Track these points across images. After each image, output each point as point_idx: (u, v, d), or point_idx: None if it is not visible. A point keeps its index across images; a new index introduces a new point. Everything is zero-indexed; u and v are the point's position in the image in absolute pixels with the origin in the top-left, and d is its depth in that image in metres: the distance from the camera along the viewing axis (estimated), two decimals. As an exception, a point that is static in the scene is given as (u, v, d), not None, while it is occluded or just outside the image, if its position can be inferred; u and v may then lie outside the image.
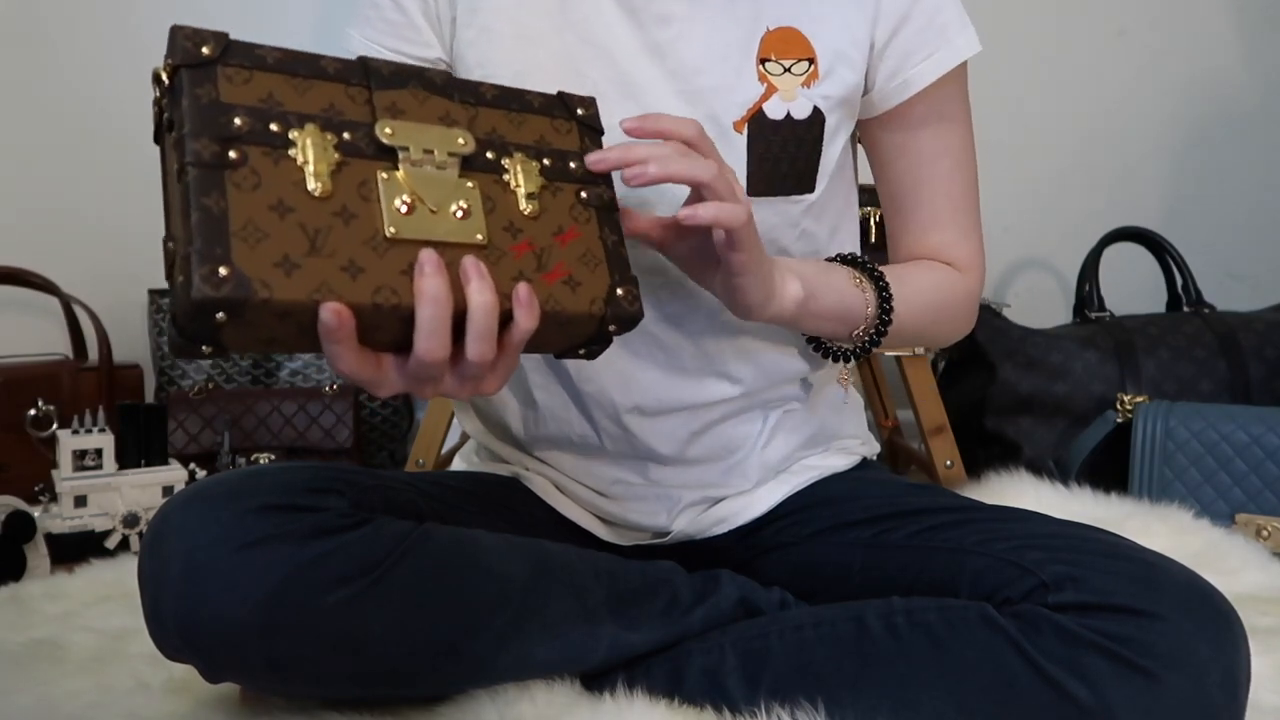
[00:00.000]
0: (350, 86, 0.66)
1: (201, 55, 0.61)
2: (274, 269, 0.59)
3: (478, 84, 0.71)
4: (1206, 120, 2.11)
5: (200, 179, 0.59)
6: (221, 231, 0.58)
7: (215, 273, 0.57)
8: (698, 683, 0.81)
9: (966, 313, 0.97)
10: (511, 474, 0.96)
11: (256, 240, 0.59)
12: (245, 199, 0.59)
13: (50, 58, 1.87)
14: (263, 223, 0.59)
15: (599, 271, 0.71)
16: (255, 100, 0.62)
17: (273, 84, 0.63)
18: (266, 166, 0.61)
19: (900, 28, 0.88)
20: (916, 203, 0.94)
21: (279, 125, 0.62)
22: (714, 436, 0.92)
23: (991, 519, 0.83)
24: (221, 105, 0.61)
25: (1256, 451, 1.42)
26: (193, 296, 0.56)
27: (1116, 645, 0.69)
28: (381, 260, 0.62)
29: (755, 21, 0.86)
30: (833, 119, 0.88)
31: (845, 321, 0.85)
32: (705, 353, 0.89)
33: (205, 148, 0.59)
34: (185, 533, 0.70)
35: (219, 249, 0.57)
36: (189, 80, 0.61)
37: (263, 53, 0.64)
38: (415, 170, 0.65)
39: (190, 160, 0.59)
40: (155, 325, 1.86)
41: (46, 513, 1.34)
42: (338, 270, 0.60)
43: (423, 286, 0.61)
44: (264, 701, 0.82)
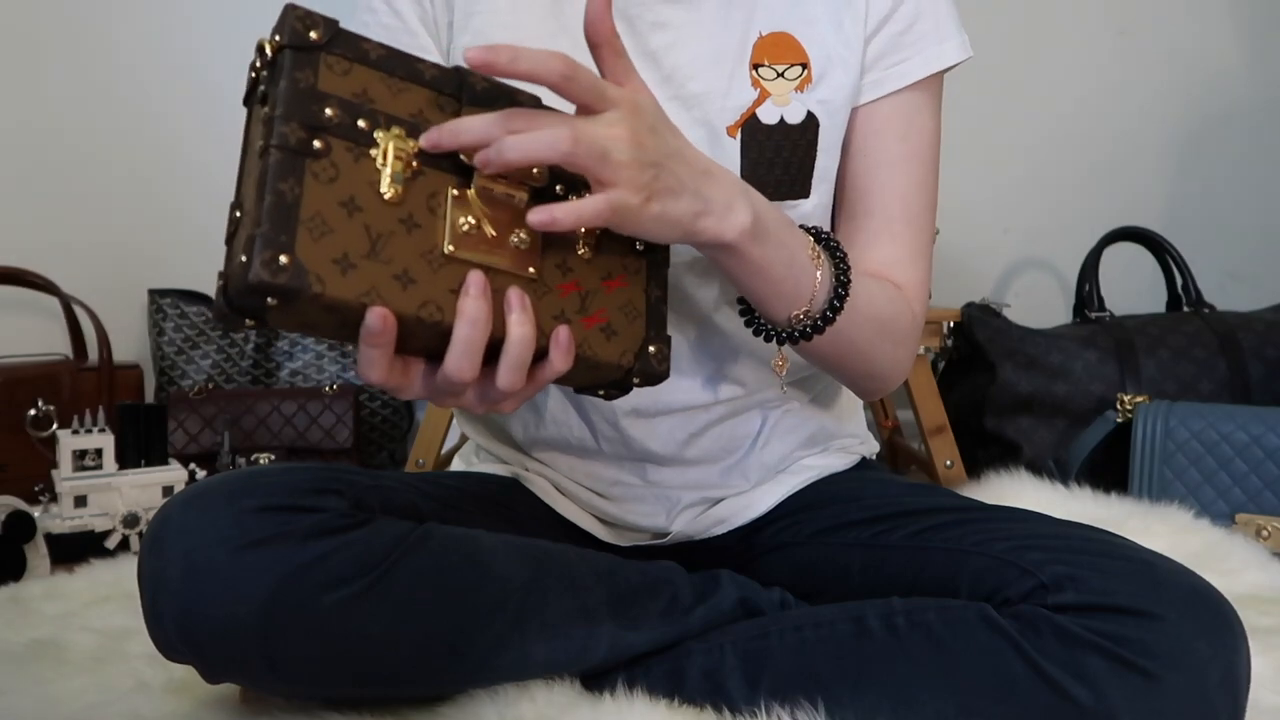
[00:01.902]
0: (442, 96, 0.66)
1: (309, 39, 0.62)
2: (331, 265, 0.60)
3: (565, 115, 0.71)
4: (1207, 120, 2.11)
5: (281, 163, 0.59)
6: (290, 219, 0.59)
7: (276, 259, 0.58)
8: (698, 683, 0.81)
9: (910, 347, 0.89)
10: (511, 475, 0.96)
11: (321, 234, 0.60)
12: (320, 190, 0.60)
13: (51, 58, 1.87)
14: (331, 217, 0.60)
15: (636, 324, 0.72)
16: (350, 93, 0.62)
17: (370, 80, 0.63)
18: (346, 162, 0.62)
19: (880, 28, 0.88)
20: (869, 209, 0.89)
21: (367, 122, 0.62)
22: (712, 437, 0.92)
23: (991, 519, 0.83)
24: (317, 93, 0.61)
25: (1256, 451, 1.42)
26: (249, 278, 0.57)
27: (1116, 646, 0.69)
28: (434, 275, 0.63)
29: (748, 27, 0.86)
30: (828, 124, 0.87)
31: (786, 290, 0.76)
32: (702, 355, 0.89)
33: (293, 132, 0.60)
34: (185, 533, 0.70)
35: (284, 236, 0.58)
36: (292, 62, 0.61)
37: (367, 47, 0.64)
38: (486, 193, 0.65)
39: (276, 142, 0.59)
40: (155, 325, 1.86)
41: (46, 513, 1.34)
42: (390, 278, 0.62)
43: (464, 307, 0.62)
44: (264, 701, 0.82)
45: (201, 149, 1.95)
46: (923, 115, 0.91)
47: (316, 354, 1.86)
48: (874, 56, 0.89)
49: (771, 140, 0.85)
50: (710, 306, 0.88)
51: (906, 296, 0.88)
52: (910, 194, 0.89)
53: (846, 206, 0.91)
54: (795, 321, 0.78)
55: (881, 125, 0.90)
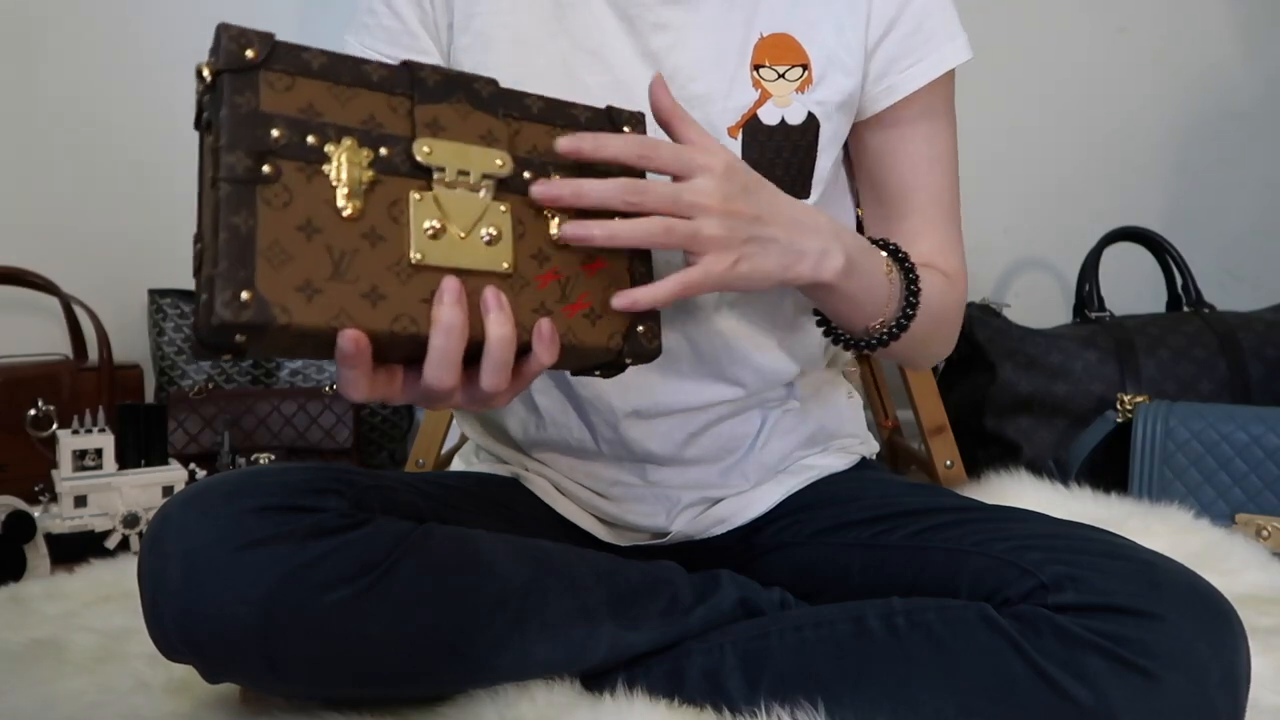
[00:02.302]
0: (393, 96, 0.64)
1: (245, 59, 0.60)
2: (295, 293, 0.58)
3: (525, 96, 0.69)
4: (1207, 119, 2.11)
5: (231, 195, 0.58)
6: (247, 252, 0.57)
7: (237, 297, 0.57)
8: (698, 683, 0.81)
9: (958, 324, 0.96)
10: (511, 474, 0.96)
11: (281, 262, 0.58)
12: (275, 217, 0.59)
13: (50, 58, 1.87)
14: (289, 244, 0.59)
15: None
16: (295, 109, 0.61)
17: (315, 92, 0.62)
18: (299, 183, 0.60)
19: (889, 32, 0.88)
20: (905, 210, 0.93)
21: (316, 138, 0.61)
22: (712, 437, 0.92)
23: (991, 519, 0.83)
24: (260, 115, 0.59)
25: (1256, 451, 1.42)
26: (213, 321, 0.56)
27: (1116, 645, 0.69)
28: (404, 287, 0.62)
29: (749, 28, 0.86)
30: (828, 124, 0.87)
31: (866, 309, 0.81)
32: (703, 357, 0.89)
33: (239, 161, 0.58)
34: (185, 533, 0.70)
35: (243, 271, 0.57)
36: (230, 86, 0.59)
37: (308, 57, 0.62)
38: (448, 192, 0.64)
39: (224, 175, 0.58)
40: (155, 325, 1.86)
41: (46, 513, 1.34)
42: (358, 297, 0.60)
43: (439, 316, 0.61)
44: (264, 701, 0.82)
45: (201, 149, 1.95)
46: (942, 116, 0.92)
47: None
48: (886, 61, 0.89)
49: (773, 141, 0.85)
50: (710, 307, 0.88)
51: (953, 281, 0.93)
52: (942, 191, 0.93)
53: (881, 207, 0.94)
54: (872, 331, 0.83)
55: (906, 130, 0.91)
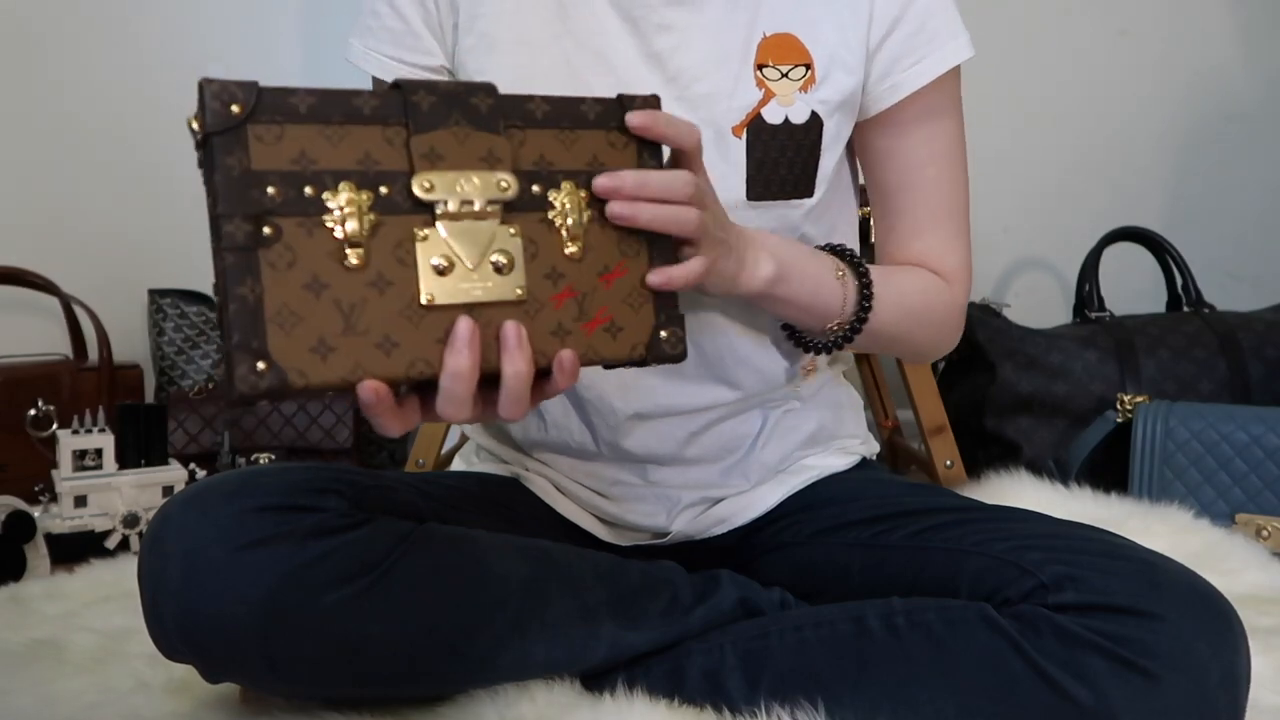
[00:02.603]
0: (387, 127, 0.62)
1: (231, 115, 0.58)
2: (309, 354, 0.58)
3: (528, 100, 0.66)
4: (1207, 120, 2.11)
5: (235, 266, 0.57)
6: (257, 321, 0.57)
7: (254, 369, 0.57)
8: (698, 682, 0.81)
9: (951, 325, 0.95)
10: (511, 475, 0.96)
11: (292, 325, 0.58)
12: (280, 280, 0.58)
13: (50, 58, 1.87)
14: (297, 305, 0.58)
15: (643, 313, 0.68)
16: (287, 162, 0.59)
17: (305, 138, 0.60)
18: (300, 239, 0.59)
19: (891, 31, 0.88)
20: (902, 208, 0.93)
21: (313, 188, 0.59)
22: (713, 437, 0.92)
23: (991, 519, 0.83)
24: (253, 175, 0.58)
25: (1256, 451, 1.42)
26: (234, 395, 0.57)
27: (1116, 645, 0.69)
28: (417, 330, 0.61)
29: (752, 28, 0.86)
30: (831, 123, 0.88)
31: (816, 313, 0.83)
32: (705, 358, 0.89)
33: (238, 229, 0.57)
34: (185, 533, 0.70)
35: (255, 342, 0.57)
36: (220, 148, 0.58)
37: (295, 101, 0.60)
38: (453, 224, 0.62)
39: (225, 244, 0.57)
40: (155, 325, 1.86)
41: (46, 513, 1.34)
42: (372, 348, 0.59)
43: (447, 361, 0.61)
44: (264, 701, 0.82)
45: (201, 149, 1.95)
46: (946, 114, 0.92)
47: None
48: (889, 60, 0.89)
49: (776, 140, 0.86)
50: (712, 308, 0.88)
51: (945, 280, 0.93)
52: (942, 190, 0.93)
53: (882, 205, 0.95)
54: (831, 332, 0.85)
55: (908, 129, 0.91)
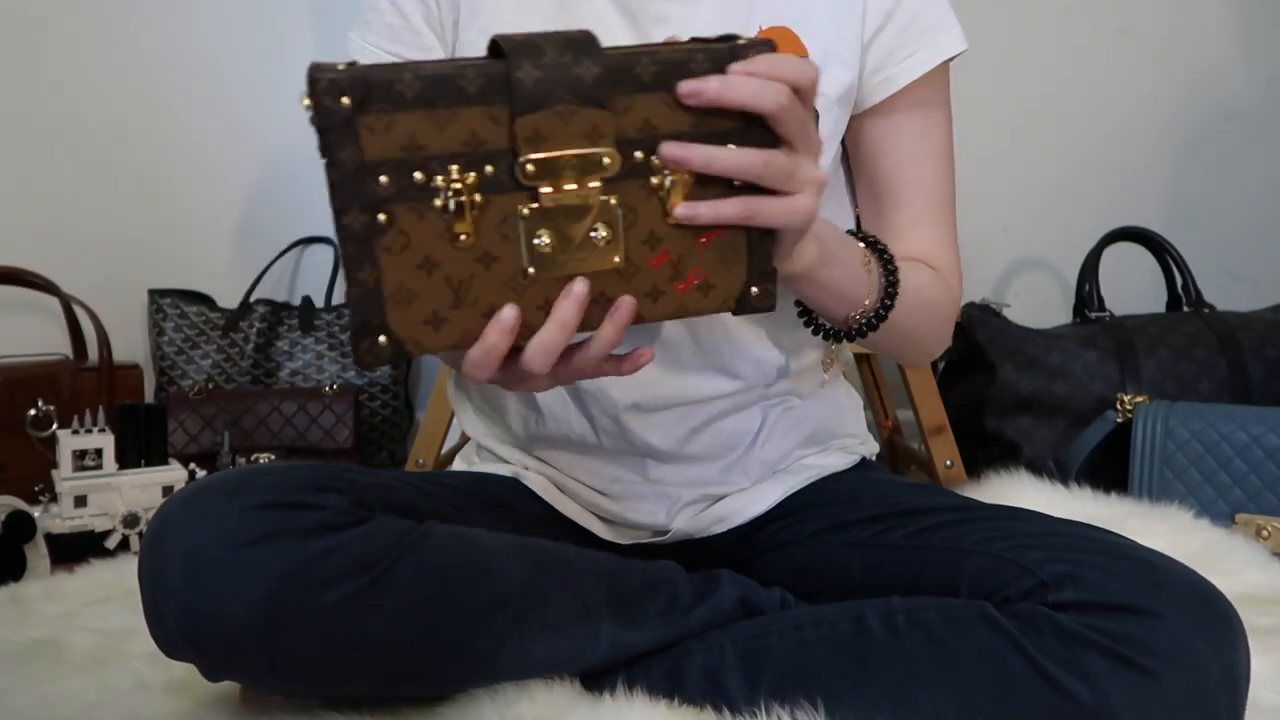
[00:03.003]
0: (493, 106, 0.61)
1: (341, 109, 0.59)
2: (424, 326, 0.62)
3: (638, 61, 0.63)
4: (1207, 120, 2.11)
5: (354, 255, 0.61)
6: (377, 301, 0.61)
7: (375, 345, 0.62)
8: (697, 682, 0.81)
9: (951, 320, 0.95)
10: (512, 474, 0.96)
11: (408, 302, 0.62)
12: (396, 263, 0.61)
13: (50, 58, 1.87)
14: (412, 283, 0.62)
15: (736, 270, 0.67)
16: (398, 149, 0.60)
17: (413, 124, 0.60)
18: (412, 223, 0.61)
19: (885, 25, 0.89)
20: (898, 203, 0.93)
21: (423, 174, 0.61)
22: (712, 433, 0.92)
23: (991, 518, 0.83)
24: (366, 167, 0.60)
25: (1256, 451, 1.42)
26: (360, 365, 0.62)
27: (1116, 644, 0.69)
28: (520, 299, 0.63)
29: (748, 21, 0.87)
30: (828, 117, 0.88)
31: (843, 300, 0.80)
32: (704, 347, 0.89)
33: (355, 220, 0.60)
34: (185, 530, 0.70)
35: (375, 319, 0.61)
36: (334, 143, 0.59)
37: (402, 87, 0.60)
38: (555, 201, 0.63)
39: (344, 235, 0.60)
40: (155, 325, 1.86)
41: (46, 513, 1.34)
42: (480, 317, 0.63)
43: (559, 311, 0.63)
44: (264, 701, 0.82)
45: (203, 149, 1.96)
46: (938, 109, 0.92)
47: (316, 354, 1.86)
48: (883, 54, 0.89)
49: None
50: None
51: (945, 277, 0.92)
52: (935, 186, 0.92)
53: (875, 201, 0.94)
54: (851, 321, 0.81)
55: (900, 123, 0.91)
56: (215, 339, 1.85)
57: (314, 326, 1.87)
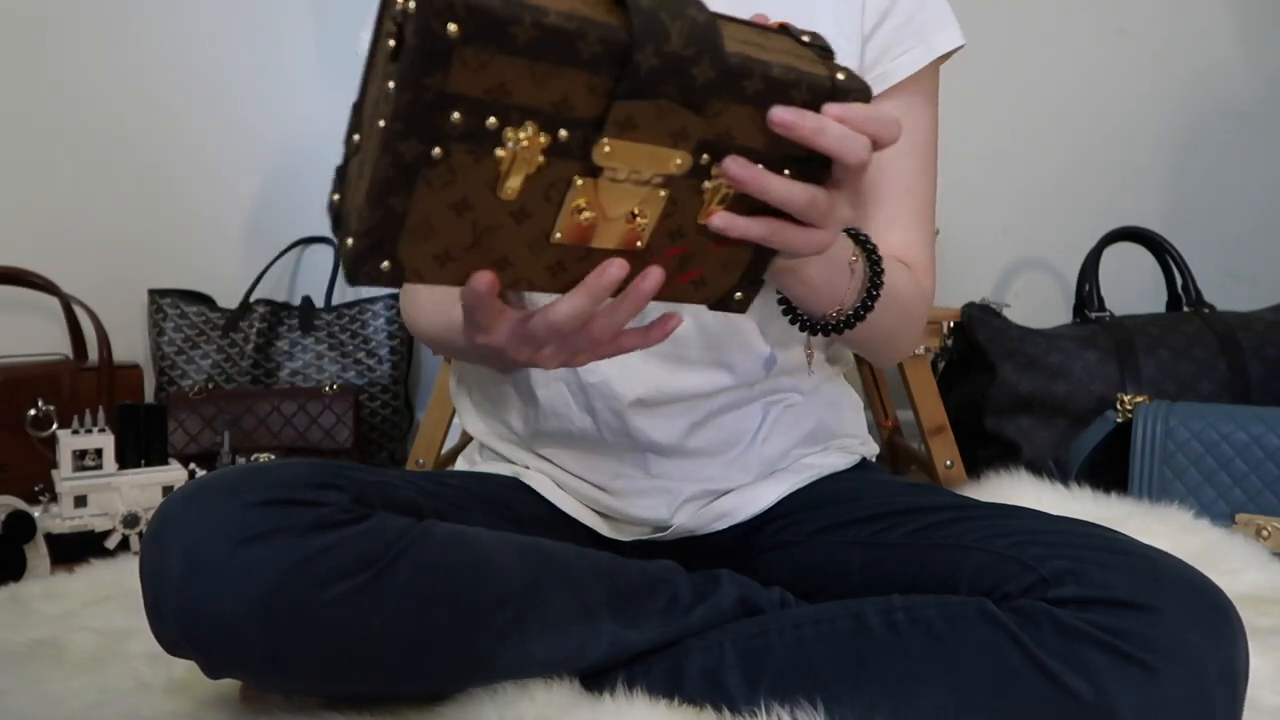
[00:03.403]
0: (597, 76, 0.57)
1: (445, 35, 0.52)
2: (431, 260, 0.58)
3: (748, 76, 0.61)
4: (1207, 120, 2.11)
5: (393, 179, 0.55)
6: (396, 227, 0.56)
7: (377, 266, 0.57)
8: (697, 681, 0.81)
9: (922, 323, 0.94)
10: (513, 474, 0.97)
11: (425, 236, 0.57)
12: (431, 196, 0.56)
13: (50, 58, 1.87)
14: (438, 220, 0.57)
15: (731, 275, 0.68)
16: (482, 90, 0.55)
17: (510, 71, 0.55)
18: (465, 164, 0.56)
19: (882, 21, 0.90)
20: (879, 199, 0.93)
21: (497, 120, 0.56)
22: (714, 428, 0.92)
23: (990, 516, 0.83)
24: (444, 98, 0.54)
25: (1256, 451, 1.42)
26: (351, 277, 0.57)
27: (1116, 639, 0.69)
28: (534, 258, 0.61)
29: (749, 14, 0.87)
30: None
31: (825, 296, 0.80)
32: (710, 342, 0.89)
33: (410, 149, 0.54)
34: (186, 528, 0.70)
35: (388, 244, 0.57)
36: (420, 66, 0.53)
37: (516, 31, 0.54)
38: (612, 185, 0.60)
39: (391, 159, 0.54)
40: (155, 325, 1.86)
41: (46, 513, 1.34)
42: (488, 263, 0.60)
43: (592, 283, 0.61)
44: (264, 700, 0.82)
45: (203, 148, 1.96)
46: (924, 107, 0.93)
47: (316, 354, 1.86)
48: (879, 51, 0.91)
49: None
50: None
51: (917, 276, 0.92)
52: (915, 183, 0.93)
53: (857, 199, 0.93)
54: (833, 317, 0.81)
55: None
56: (215, 339, 1.85)
57: (314, 326, 1.87)
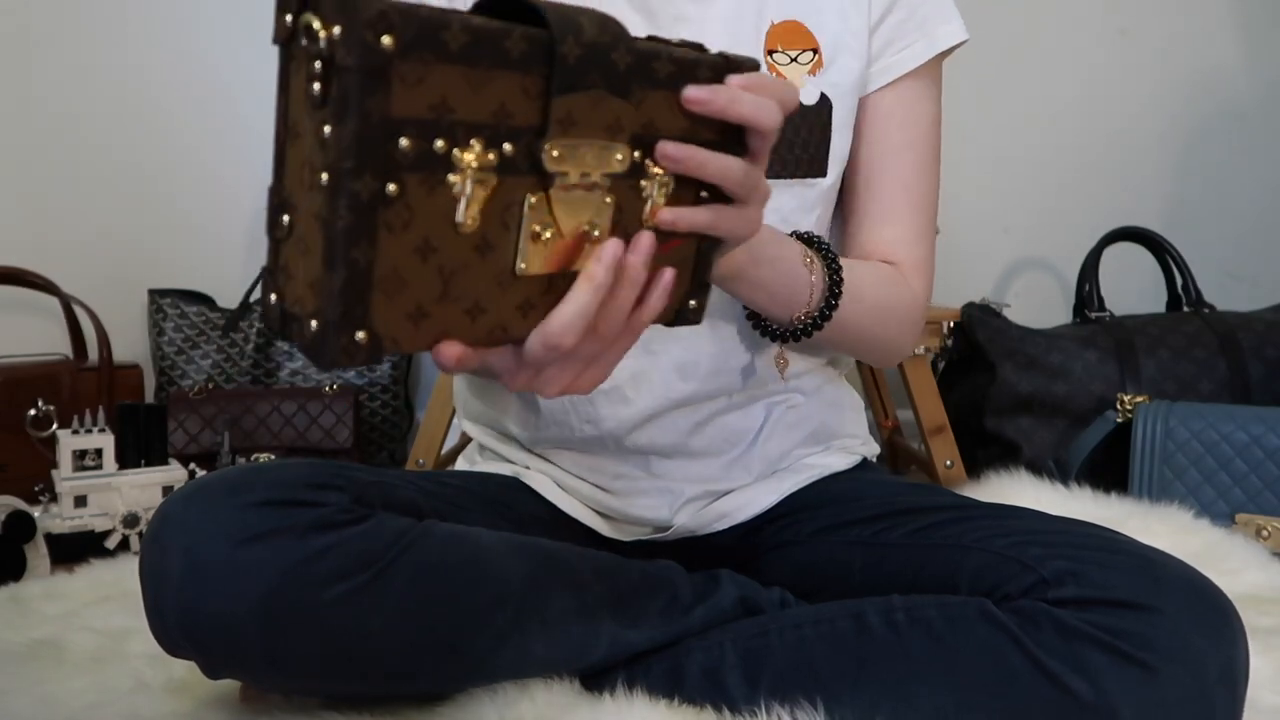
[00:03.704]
0: (527, 76, 0.54)
1: (380, 50, 0.48)
2: (405, 321, 0.53)
3: (657, 57, 0.59)
4: (1207, 120, 2.11)
5: (354, 227, 0.49)
6: (364, 288, 0.50)
7: (353, 341, 0.51)
8: (697, 681, 0.81)
9: (912, 323, 0.93)
10: (513, 474, 0.96)
11: (395, 291, 0.52)
12: (393, 243, 0.51)
13: (50, 59, 1.87)
14: (405, 270, 0.52)
15: (681, 282, 0.65)
16: (425, 108, 0.51)
17: (448, 81, 0.51)
18: (420, 199, 0.51)
19: (886, 16, 0.91)
20: (874, 193, 0.93)
21: (445, 142, 0.52)
22: (715, 429, 0.92)
23: (991, 516, 0.83)
24: (390, 123, 0.49)
25: (1256, 451, 1.42)
26: (324, 363, 0.51)
27: (1116, 639, 0.69)
28: (503, 296, 0.57)
29: (760, 16, 0.89)
30: (841, 105, 0.90)
31: (782, 301, 0.81)
32: (720, 344, 0.89)
33: (366, 188, 0.49)
34: (186, 528, 0.70)
35: (359, 310, 0.51)
36: (360, 89, 0.48)
37: (448, 37, 0.50)
38: (564, 194, 0.57)
39: (347, 203, 0.49)
40: (155, 325, 1.86)
41: (46, 513, 1.34)
42: (461, 314, 0.55)
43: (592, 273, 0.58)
44: (263, 701, 0.82)
45: (203, 149, 1.95)
46: (924, 102, 0.94)
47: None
48: (881, 45, 0.91)
49: (790, 122, 0.87)
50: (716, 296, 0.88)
51: (906, 275, 0.92)
52: (911, 178, 0.93)
53: (852, 190, 0.95)
54: (797, 321, 0.83)
55: (886, 112, 0.93)
56: (215, 339, 1.85)
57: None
